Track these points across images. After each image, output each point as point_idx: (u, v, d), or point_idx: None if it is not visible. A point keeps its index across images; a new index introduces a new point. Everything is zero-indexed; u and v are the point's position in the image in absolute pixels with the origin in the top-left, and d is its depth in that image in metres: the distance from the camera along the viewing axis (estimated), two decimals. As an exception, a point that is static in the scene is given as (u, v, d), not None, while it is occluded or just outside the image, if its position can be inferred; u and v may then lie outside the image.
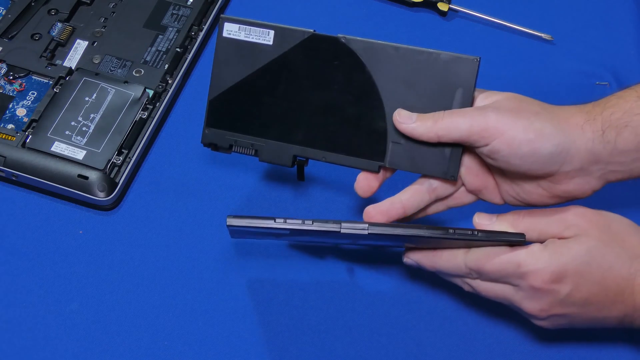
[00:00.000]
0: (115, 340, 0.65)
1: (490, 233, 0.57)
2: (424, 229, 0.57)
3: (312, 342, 0.65)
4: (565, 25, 0.84)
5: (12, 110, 0.73)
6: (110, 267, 0.68)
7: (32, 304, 0.66)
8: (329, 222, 0.57)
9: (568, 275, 0.55)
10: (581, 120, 0.57)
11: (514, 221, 0.59)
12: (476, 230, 0.57)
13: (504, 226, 0.59)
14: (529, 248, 0.56)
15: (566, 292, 0.56)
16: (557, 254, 0.56)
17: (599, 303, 0.56)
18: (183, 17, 0.79)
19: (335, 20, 0.83)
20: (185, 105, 0.77)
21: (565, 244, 0.56)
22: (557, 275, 0.55)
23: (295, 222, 0.57)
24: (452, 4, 0.84)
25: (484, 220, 0.60)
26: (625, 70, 0.81)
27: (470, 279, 0.59)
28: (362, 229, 0.57)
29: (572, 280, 0.56)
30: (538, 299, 0.57)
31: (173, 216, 0.71)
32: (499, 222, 0.59)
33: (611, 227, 0.57)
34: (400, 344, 0.65)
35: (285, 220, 0.57)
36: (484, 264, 0.57)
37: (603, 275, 0.56)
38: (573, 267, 0.55)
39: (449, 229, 0.56)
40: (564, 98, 0.79)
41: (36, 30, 0.77)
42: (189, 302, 0.67)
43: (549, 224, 0.57)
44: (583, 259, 0.55)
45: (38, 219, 0.70)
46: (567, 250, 0.56)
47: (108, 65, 0.76)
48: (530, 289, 0.56)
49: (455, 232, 0.56)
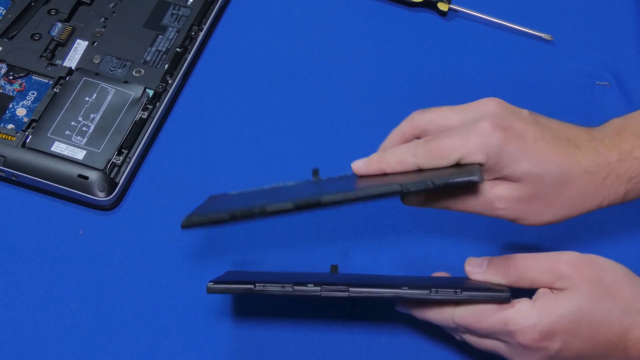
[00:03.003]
0: (115, 340, 0.65)
1: (475, 292, 0.55)
2: (406, 288, 0.56)
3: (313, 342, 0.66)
4: (565, 25, 0.84)
5: (12, 110, 0.73)
6: (110, 267, 0.68)
7: (32, 304, 0.66)
8: (308, 286, 0.56)
9: (557, 333, 0.54)
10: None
11: (505, 270, 0.57)
12: (459, 290, 0.55)
13: (494, 276, 0.57)
14: (517, 306, 0.55)
15: (556, 349, 0.55)
16: (546, 312, 0.54)
17: (591, 357, 0.55)
18: (183, 17, 0.79)
19: (335, 21, 0.83)
20: (185, 105, 0.77)
21: (554, 301, 0.55)
22: (545, 334, 0.54)
23: (275, 287, 0.57)
24: (452, 4, 0.84)
25: (475, 268, 0.58)
26: (625, 70, 0.81)
27: (460, 332, 0.58)
28: (343, 290, 0.56)
29: (561, 338, 0.54)
30: (527, 355, 0.55)
31: (173, 216, 0.70)
32: (490, 271, 0.58)
33: (603, 280, 0.55)
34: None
35: (264, 285, 0.57)
36: (471, 322, 0.56)
37: (593, 332, 0.54)
38: (562, 325, 0.54)
39: (431, 288, 0.55)
40: (564, 98, 0.79)
41: (36, 30, 0.77)
42: (189, 302, 0.67)
43: (540, 274, 0.56)
44: (573, 317, 0.54)
45: (38, 219, 0.70)
46: (556, 309, 0.54)
47: (108, 65, 0.76)
48: (519, 346, 0.55)
49: (438, 292, 0.55)
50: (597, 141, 0.58)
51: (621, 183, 0.58)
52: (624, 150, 0.58)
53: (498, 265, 0.58)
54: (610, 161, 0.57)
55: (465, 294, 0.55)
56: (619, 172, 0.58)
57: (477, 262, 0.59)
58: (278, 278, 0.60)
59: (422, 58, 0.81)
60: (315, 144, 0.75)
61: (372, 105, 0.78)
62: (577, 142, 0.58)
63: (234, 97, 0.78)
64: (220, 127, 0.76)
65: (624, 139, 0.58)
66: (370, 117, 0.77)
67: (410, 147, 0.58)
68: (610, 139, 0.58)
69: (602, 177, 0.57)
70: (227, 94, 0.78)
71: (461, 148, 0.56)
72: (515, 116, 0.57)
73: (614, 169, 0.57)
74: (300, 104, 0.78)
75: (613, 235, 0.72)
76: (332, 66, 0.80)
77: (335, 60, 0.81)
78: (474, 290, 0.56)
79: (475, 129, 0.56)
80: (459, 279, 0.60)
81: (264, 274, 0.65)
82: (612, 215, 0.66)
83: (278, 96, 0.78)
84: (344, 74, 0.80)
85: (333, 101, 0.78)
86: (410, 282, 0.59)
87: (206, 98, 0.78)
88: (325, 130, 0.76)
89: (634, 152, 0.58)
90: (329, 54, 0.81)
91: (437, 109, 0.59)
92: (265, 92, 0.78)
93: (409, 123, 0.60)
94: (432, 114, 0.59)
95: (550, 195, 0.57)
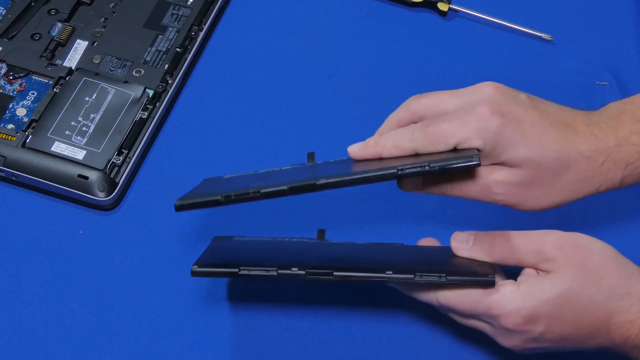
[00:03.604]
0: (115, 340, 0.65)
1: (459, 277, 0.55)
2: (390, 272, 0.55)
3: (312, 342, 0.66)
4: (565, 25, 0.84)
5: (12, 110, 0.73)
6: (110, 267, 0.68)
7: (32, 304, 0.66)
8: (292, 270, 0.56)
9: (540, 318, 0.54)
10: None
11: (491, 249, 0.57)
12: (443, 275, 0.55)
13: (480, 254, 0.57)
14: (501, 290, 0.55)
15: (539, 332, 0.55)
16: (530, 297, 0.54)
17: (574, 339, 0.55)
18: (183, 17, 0.79)
19: (335, 21, 0.83)
20: (185, 105, 0.77)
21: (538, 285, 0.55)
22: (528, 319, 0.54)
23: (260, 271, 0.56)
24: (452, 4, 0.84)
25: (461, 244, 0.58)
26: (625, 70, 0.81)
27: (445, 311, 0.59)
28: (328, 275, 0.56)
29: (544, 322, 0.54)
30: (511, 337, 0.56)
31: (173, 216, 0.70)
32: (476, 247, 0.57)
33: (589, 263, 0.55)
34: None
35: (249, 269, 0.56)
36: (455, 303, 0.56)
37: (577, 316, 0.54)
38: (545, 310, 0.54)
39: (415, 272, 0.55)
40: (564, 98, 0.79)
41: (36, 30, 0.77)
42: (189, 301, 0.67)
43: (526, 254, 0.56)
44: (556, 302, 0.54)
45: (38, 219, 0.70)
46: (540, 293, 0.54)
47: (108, 65, 0.76)
48: (502, 329, 0.55)
49: (422, 277, 0.55)
50: (595, 125, 0.58)
51: (618, 169, 0.58)
52: (622, 136, 0.58)
53: (484, 243, 0.57)
54: (607, 146, 0.57)
55: (449, 279, 0.55)
56: (616, 158, 0.58)
57: (463, 237, 0.58)
58: (264, 251, 0.60)
59: (422, 58, 0.81)
60: (315, 144, 0.75)
61: (372, 105, 0.78)
62: (574, 126, 0.58)
63: (234, 97, 0.78)
64: (220, 127, 0.76)
65: (622, 123, 0.58)
66: (370, 117, 0.77)
67: (406, 131, 0.58)
68: (607, 124, 0.58)
69: (600, 163, 0.57)
70: (227, 94, 0.78)
71: (459, 133, 0.56)
72: (514, 101, 0.57)
73: (611, 155, 0.57)
74: (300, 104, 0.78)
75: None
76: (332, 66, 0.80)
77: (335, 60, 0.81)
78: (458, 275, 0.55)
79: (473, 114, 0.56)
80: (446, 253, 0.59)
81: (253, 242, 0.64)
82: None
83: (278, 96, 0.78)
84: (344, 73, 0.80)
85: (333, 101, 0.78)
86: (396, 262, 0.58)
87: (206, 98, 0.78)
88: (325, 130, 0.76)
89: (631, 138, 0.58)
90: (329, 54, 0.81)
91: (434, 94, 0.59)
92: (265, 92, 0.78)
93: (406, 108, 0.60)
94: (429, 99, 0.59)
95: (548, 180, 0.57)
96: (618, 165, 0.58)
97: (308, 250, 0.63)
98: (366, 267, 0.56)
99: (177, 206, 0.56)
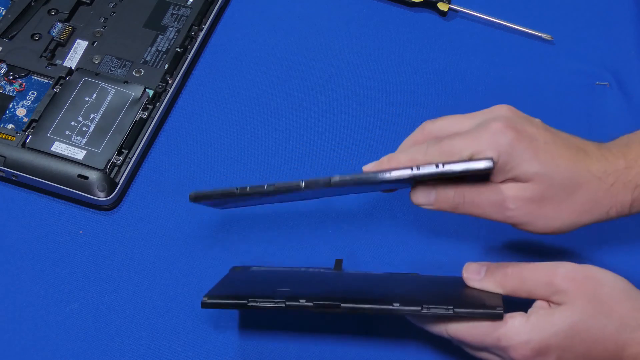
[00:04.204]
0: (115, 340, 0.65)
1: (467, 310, 0.55)
2: (397, 304, 0.55)
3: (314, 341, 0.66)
4: (565, 25, 0.84)
5: (12, 110, 0.73)
6: (110, 267, 0.68)
7: (32, 304, 0.66)
8: (300, 301, 0.56)
9: (550, 350, 0.54)
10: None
11: (502, 280, 0.57)
12: (451, 307, 0.55)
13: (491, 285, 0.57)
14: (509, 322, 0.55)
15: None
16: (539, 329, 0.54)
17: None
18: (183, 17, 0.79)
19: (335, 21, 0.83)
20: (185, 105, 0.77)
21: (548, 317, 0.54)
22: (537, 351, 0.54)
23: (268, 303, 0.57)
24: (452, 4, 0.84)
25: (473, 274, 0.58)
26: (625, 70, 0.81)
27: (456, 343, 0.58)
28: (335, 307, 0.56)
29: (554, 354, 0.54)
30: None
31: (173, 216, 0.71)
32: (487, 279, 0.58)
33: (600, 295, 0.55)
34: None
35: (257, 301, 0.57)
36: (464, 335, 0.56)
37: (588, 348, 0.54)
38: (555, 341, 0.54)
39: (423, 304, 0.55)
40: (564, 98, 0.79)
41: (36, 30, 0.77)
42: (189, 301, 0.67)
43: (537, 286, 0.56)
44: (566, 334, 0.54)
45: (38, 219, 0.70)
46: (550, 325, 0.54)
47: (108, 65, 0.76)
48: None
49: (430, 309, 0.55)
50: (605, 149, 0.59)
51: (628, 191, 0.58)
52: (631, 158, 0.58)
53: (495, 274, 0.58)
54: (617, 168, 0.58)
55: (456, 311, 0.55)
56: (625, 179, 0.58)
57: (474, 268, 0.59)
58: (277, 283, 0.61)
59: (422, 58, 0.81)
60: (315, 144, 0.75)
61: (372, 105, 0.78)
62: (585, 149, 0.58)
63: (234, 97, 0.78)
64: (220, 127, 0.76)
65: (631, 149, 0.59)
66: (370, 117, 0.77)
67: (421, 146, 0.58)
68: (617, 149, 0.59)
69: (610, 184, 0.58)
70: (227, 94, 0.78)
71: (472, 146, 0.56)
72: (527, 121, 0.58)
73: (620, 176, 0.58)
74: (300, 104, 0.78)
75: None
76: (332, 66, 0.80)
77: (335, 60, 0.81)
78: (466, 307, 0.55)
79: (487, 128, 0.57)
80: (458, 283, 0.59)
81: (268, 273, 0.65)
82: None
83: (278, 96, 0.78)
84: (344, 74, 0.80)
85: (333, 101, 0.78)
86: (407, 293, 0.59)
87: (206, 98, 0.78)
88: (325, 130, 0.76)
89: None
90: (329, 54, 0.81)
91: (449, 117, 0.60)
92: (265, 92, 0.78)
93: (421, 131, 0.61)
94: (443, 122, 0.60)
95: (560, 198, 0.57)
96: (627, 187, 0.58)
97: (321, 281, 0.64)
98: (375, 299, 0.57)
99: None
